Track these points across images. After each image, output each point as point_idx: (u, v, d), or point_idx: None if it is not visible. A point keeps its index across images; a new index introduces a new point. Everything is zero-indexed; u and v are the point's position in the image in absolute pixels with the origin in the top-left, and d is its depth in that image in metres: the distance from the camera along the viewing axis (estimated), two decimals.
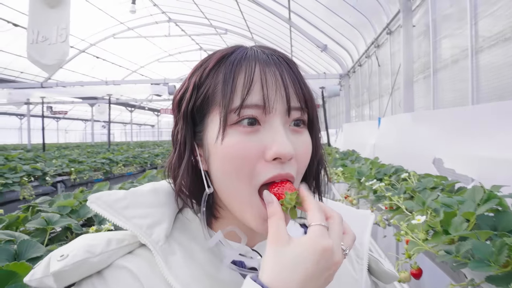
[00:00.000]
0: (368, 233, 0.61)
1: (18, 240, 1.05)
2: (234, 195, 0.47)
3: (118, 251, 0.48)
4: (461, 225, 1.18)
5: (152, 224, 0.48)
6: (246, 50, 0.49)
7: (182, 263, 0.47)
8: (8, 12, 10.48)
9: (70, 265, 0.43)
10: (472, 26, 2.86)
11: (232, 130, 0.45)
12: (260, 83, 0.45)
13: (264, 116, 0.45)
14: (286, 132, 0.46)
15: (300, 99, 0.47)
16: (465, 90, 3.03)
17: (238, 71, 0.46)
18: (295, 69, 0.49)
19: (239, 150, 0.45)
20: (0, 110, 21.78)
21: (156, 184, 0.55)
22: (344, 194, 2.76)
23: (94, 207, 0.49)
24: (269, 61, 0.47)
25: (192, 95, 0.49)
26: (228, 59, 0.48)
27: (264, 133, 0.45)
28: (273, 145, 0.44)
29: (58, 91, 11.50)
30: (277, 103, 0.45)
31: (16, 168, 3.40)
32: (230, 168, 0.46)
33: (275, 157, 0.44)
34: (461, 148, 2.37)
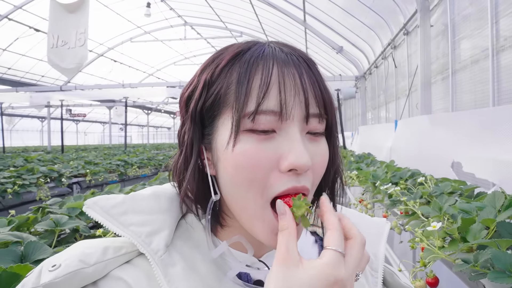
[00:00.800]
0: (383, 244, 0.56)
1: (26, 242, 1.05)
2: (244, 206, 0.44)
3: (115, 260, 0.44)
4: (480, 232, 1.12)
5: (151, 232, 0.45)
6: (263, 47, 0.45)
7: (182, 275, 0.43)
8: (30, 17, 10.83)
9: (62, 276, 0.40)
10: (493, 25, 2.76)
11: (244, 136, 0.41)
12: (277, 87, 0.41)
13: (280, 123, 0.42)
14: (304, 140, 0.42)
15: (320, 104, 0.44)
16: (485, 92, 2.93)
17: (254, 71, 0.42)
18: (315, 70, 0.45)
19: (251, 159, 0.41)
20: (23, 113, 22.51)
21: (157, 188, 0.52)
22: (359, 198, 2.70)
23: (90, 212, 0.45)
24: (288, 61, 0.43)
25: (201, 94, 0.45)
26: (243, 56, 0.44)
27: (279, 141, 0.42)
28: (289, 155, 0.40)
29: (76, 94, 11.78)
30: (295, 109, 0.42)
31: (33, 170, 3.48)
32: (241, 178, 0.42)
33: (290, 168, 0.41)
34: (481, 151, 2.28)
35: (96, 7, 10.69)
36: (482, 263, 0.96)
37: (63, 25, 7.63)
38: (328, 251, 0.37)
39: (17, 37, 11.57)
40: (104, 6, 11.56)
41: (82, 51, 7.47)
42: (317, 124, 0.44)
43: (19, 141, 25.23)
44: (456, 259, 1.08)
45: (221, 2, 11.32)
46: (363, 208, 2.38)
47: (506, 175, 1.97)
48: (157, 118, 33.75)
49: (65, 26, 7.60)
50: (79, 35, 7.51)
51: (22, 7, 10.07)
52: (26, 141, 26.15)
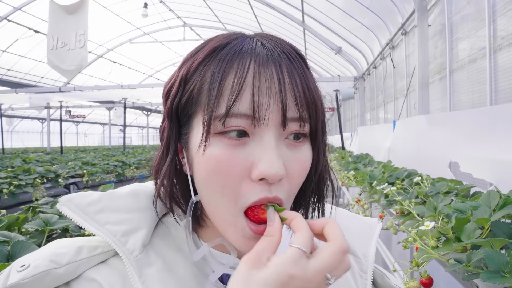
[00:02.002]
0: (373, 245, 0.54)
1: (13, 241, 1.04)
2: (217, 211, 0.42)
3: (89, 260, 0.43)
4: (474, 232, 1.10)
5: (127, 231, 0.43)
6: (243, 43, 0.41)
7: (158, 277, 0.42)
8: (30, 19, 10.84)
9: (30, 277, 0.38)
10: (490, 24, 2.75)
11: (216, 139, 0.39)
12: (251, 88, 0.38)
13: (253, 128, 0.39)
14: (280, 147, 0.40)
15: (301, 107, 0.40)
16: (483, 91, 2.92)
17: (228, 70, 0.39)
18: (300, 68, 0.41)
19: (222, 164, 0.39)
20: (23, 114, 22.52)
21: (137, 186, 0.50)
22: (356, 198, 2.69)
23: (64, 210, 0.43)
24: (266, 59, 0.39)
25: (178, 91, 0.43)
26: (220, 52, 0.41)
27: (252, 147, 0.39)
28: (259, 164, 0.38)
29: (76, 95, 11.79)
30: (270, 114, 0.38)
31: (29, 170, 3.47)
32: (213, 183, 0.40)
33: (261, 178, 0.38)
34: (479, 151, 2.27)
35: (95, 8, 10.70)
36: (475, 263, 0.95)
37: (62, 27, 7.64)
38: (290, 249, 0.35)
39: (16, 38, 11.58)
40: (103, 7, 11.57)
41: (82, 53, 7.47)
42: (298, 129, 0.41)
43: (19, 143, 25.25)
44: (449, 259, 1.07)
45: (220, 3, 11.33)
46: (360, 208, 2.37)
47: (503, 175, 1.96)
48: (157, 119, 33.76)
49: (65, 28, 7.61)
50: (78, 37, 7.52)
51: (21, 9, 10.08)
52: (26, 142, 26.16)
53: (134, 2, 11.27)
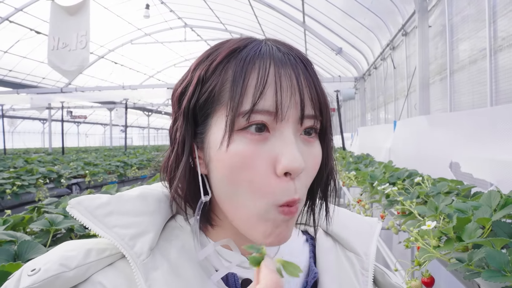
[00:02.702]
0: (374, 243, 0.56)
1: (20, 241, 1.05)
2: (243, 208, 0.42)
3: (98, 263, 0.43)
4: (475, 231, 1.11)
5: (135, 235, 0.43)
6: (260, 45, 0.44)
7: (163, 280, 0.42)
8: (31, 20, 10.87)
9: (40, 281, 0.39)
10: (491, 25, 2.76)
11: (238, 136, 0.40)
12: (274, 87, 0.40)
13: (275, 124, 0.41)
14: (297, 142, 0.42)
15: (315, 106, 0.43)
16: (483, 92, 2.93)
17: (250, 70, 0.41)
18: (312, 71, 0.44)
19: (247, 160, 0.40)
20: (24, 115, 22.55)
21: (145, 189, 0.50)
22: (357, 198, 2.70)
23: (74, 212, 0.44)
24: (285, 61, 0.42)
25: (195, 91, 0.44)
26: (240, 53, 0.42)
27: (274, 142, 0.41)
28: (283, 158, 0.40)
29: (77, 96, 11.80)
30: (290, 110, 0.41)
31: (32, 170, 3.48)
32: (239, 179, 0.41)
33: (285, 172, 0.40)
34: (479, 151, 2.28)
35: (96, 9, 10.73)
36: (477, 262, 0.96)
37: (64, 28, 7.65)
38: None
39: (18, 39, 11.61)
40: (105, 8, 11.59)
41: (84, 54, 7.48)
42: (312, 125, 0.43)
43: (21, 143, 25.27)
44: (450, 258, 1.08)
45: (221, 4, 11.35)
46: (361, 208, 2.38)
47: (504, 175, 1.96)
48: (157, 120, 33.78)
49: (66, 29, 7.62)
50: (80, 38, 7.53)
51: (23, 10, 10.10)
52: (27, 143, 26.19)
53: (135, 3, 11.29)
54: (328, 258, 0.53)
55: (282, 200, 0.40)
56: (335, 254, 0.53)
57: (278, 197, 0.40)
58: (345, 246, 0.55)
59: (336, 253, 0.54)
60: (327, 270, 0.51)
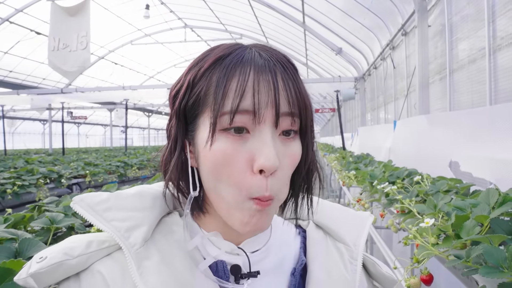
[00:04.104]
0: (364, 235, 0.58)
1: (20, 239, 1.06)
2: (223, 199, 0.47)
3: (98, 253, 0.48)
4: (474, 229, 1.12)
5: (130, 227, 0.48)
6: (243, 53, 0.47)
7: (155, 269, 0.46)
8: (31, 21, 10.88)
9: (46, 267, 0.44)
10: (490, 24, 2.76)
11: (221, 136, 0.45)
12: (252, 90, 0.44)
13: (254, 125, 0.45)
14: (275, 141, 0.45)
15: (292, 105, 0.46)
16: (482, 91, 2.93)
17: (232, 76, 0.45)
18: (291, 73, 0.47)
19: (228, 157, 0.44)
20: (24, 116, 22.56)
21: (142, 188, 0.55)
22: (357, 197, 2.71)
23: (77, 208, 0.49)
24: (264, 67, 0.46)
25: (185, 94, 0.49)
26: (223, 61, 0.47)
27: (252, 142, 0.45)
28: (259, 157, 0.44)
29: (77, 97, 11.82)
30: (267, 112, 0.44)
31: (33, 170, 3.49)
32: (219, 173, 0.45)
33: (260, 169, 0.44)
34: (479, 150, 2.28)
35: (96, 10, 10.74)
36: (474, 259, 0.96)
37: (64, 28, 7.65)
38: None
39: (18, 40, 11.62)
40: (105, 9, 11.61)
41: (84, 54, 7.49)
42: (289, 125, 0.46)
43: (21, 144, 25.27)
44: (449, 255, 1.08)
45: (221, 5, 11.36)
46: (360, 207, 2.39)
47: (502, 174, 1.97)
48: (158, 120, 33.79)
49: (67, 29, 7.62)
50: (80, 38, 7.53)
51: (23, 10, 10.12)
52: (28, 143, 26.19)
53: (135, 4, 11.31)
54: (317, 248, 0.56)
55: (254, 195, 0.44)
56: (325, 245, 0.57)
57: (251, 191, 0.44)
58: (335, 237, 0.58)
59: (326, 244, 0.57)
60: (316, 259, 0.55)
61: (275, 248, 0.55)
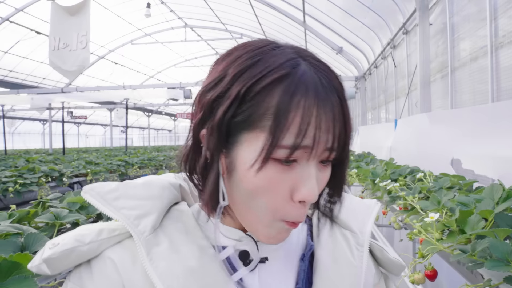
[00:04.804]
0: (370, 222, 0.59)
1: (26, 234, 1.06)
2: (253, 215, 0.47)
3: (108, 240, 0.49)
4: (478, 223, 1.12)
5: (139, 215, 0.49)
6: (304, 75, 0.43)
7: (165, 254, 0.47)
8: (31, 20, 10.88)
9: (58, 253, 0.46)
10: (492, 22, 2.76)
11: (270, 163, 0.43)
12: (314, 127, 0.42)
13: (303, 156, 0.44)
14: (317, 172, 0.46)
15: (340, 142, 0.45)
16: (484, 89, 2.93)
17: (296, 106, 0.41)
18: (346, 106, 0.46)
19: (273, 184, 0.44)
20: (24, 116, 22.55)
21: (151, 178, 0.56)
22: (359, 195, 2.71)
23: (87, 197, 0.51)
24: (326, 99, 0.43)
25: (231, 106, 0.43)
26: (286, 80, 0.42)
27: (297, 171, 0.44)
28: (303, 189, 0.44)
29: (77, 96, 11.82)
30: (321, 148, 0.44)
31: (34, 169, 3.49)
32: (260, 197, 0.45)
33: (301, 200, 0.45)
34: (481, 147, 2.28)
35: (96, 9, 10.74)
36: (480, 253, 0.96)
37: (64, 28, 7.65)
38: None
39: (18, 39, 11.61)
40: (105, 8, 11.60)
41: (84, 54, 7.48)
42: (328, 156, 0.46)
43: (21, 144, 25.26)
44: (454, 249, 1.09)
45: (221, 4, 11.36)
46: None
47: (505, 170, 1.97)
48: (158, 120, 33.78)
49: (67, 29, 7.62)
50: (80, 38, 7.53)
51: (23, 10, 10.11)
52: (27, 143, 26.18)
53: (136, 3, 11.31)
54: (323, 234, 0.56)
55: (291, 220, 0.46)
56: (331, 232, 0.57)
57: (287, 216, 0.46)
58: (341, 225, 0.58)
59: (332, 231, 0.57)
60: (323, 245, 0.55)
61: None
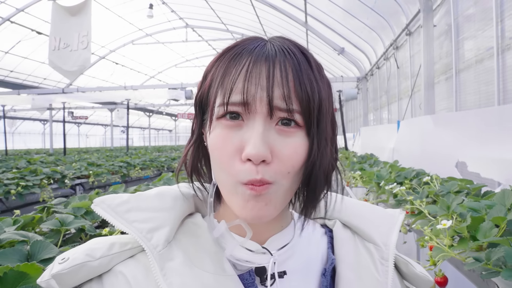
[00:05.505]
0: (395, 234, 0.55)
1: (32, 241, 1.04)
2: (221, 183, 0.48)
3: (120, 255, 0.48)
4: (491, 231, 1.10)
5: (152, 228, 0.48)
6: (250, 45, 0.47)
7: (178, 270, 0.45)
8: (32, 20, 10.87)
9: (68, 268, 0.44)
10: (498, 24, 2.74)
11: (218, 123, 0.46)
12: (243, 82, 0.44)
13: (247, 114, 0.45)
14: (269, 132, 0.44)
15: (288, 100, 0.43)
16: (490, 92, 2.91)
17: (231, 67, 0.46)
18: (296, 65, 0.45)
19: (220, 142, 0.45)
20: (25, 116, 22.55)
21: (163, 189, 0.54)
22: (363, 198, 2.69)
23: (98, 210, 0.49)
24: (261, 57, 0.45)
25: (201, 86, 0.51)
26: (226, 54, 0.48)
27: (245, 130, 0.45)
28: (247, 146, 0.43)
29: (78, 97, 11.81)
30: (257, 103, 0.44)
31: (36, 171, 3.48)
32: (215, 159, 0.47)
33: (247, 158, 0.43)
34: (487, 150, 2.27)
35: (97, 9, 10.72)
36: (495, 262, 0.95)
37: (65, 28, 7.64)
38: None
39: (19, 40, 11.60)
40: (106, 8, 11.59)
41: (85, 54, 7.48)
42: (286, 117, 0.44)
43: (21, 144, 25.27)
44: (467, 257, 1.07)
45: (223, 4, 11.34)
46: None
47: None
48: (158, 120, 33.79)
49: (68, 29, 7.61)
50: (81, 38, 7.52)
51: (24, 10, 10.10)
52: (28, 143, 26.19)
53: (137, 4, 11.30)
54: (345, 248, 0.54)
55: (244, 179, 0.43)
56: (353, 245, 0.54)
57: (240, 177, 0.44)
58: (364, 237, 0.55)
59: (354, 244, 0.54)
60: (345, 259, 0.52)
61: (301, 248, 0.53)
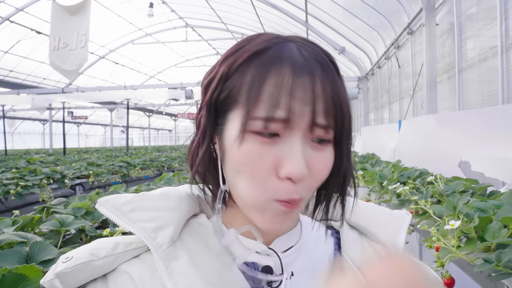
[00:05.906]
0: (403, 235, 0.55)
1: (31, 242, 1.02)
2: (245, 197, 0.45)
3: (124, 254, 0.47)
4: (500, 231, 1.08)
5: (157, 228, 0.48)
6: (282, 50, 0.44)
7: (184, 269, 0.45)
8: (32, 20, 10.85)
9: (72, 267, 0.44)
10: (502, 22, 2.72)
11: (250, 136, 0.42)
12: (288, 97, 0.41)
13: (285, 130, 0.42)
14: (305, 148, 0.43)
15: (327, 116, 0.43)
16: (494, 91, 2.89)
17: (267, 77, 0.42)
18: (332, 77, 0.44)
19: (254, 158, 0.42)
20: (24, 116, 22.53)
21: (168, 189, 0.54)
22: (365, 198, 2.67)
23: (102, 210, 0.49)
24: (303, 68, 0.42)
25: (217, 86, 0.46)
26: (260, 57, 0.43)
27: (281, 146, 0.42)
28: (287, 164, 0.41)
29: (78, 96, 11.80)
30: (301, 119, 0.42)
31: (36, 171, 3.45)
32: (243, 173, 0.44)
33: (288, 177, 0.42)
34: (490, 150, 2.25)
35: (97, 9, 10.71)
36: (505, 263, 0.93)
37: (64, 27, 7.64)
38: None
39: (18, 39, 11.58)
40: (106, 8, 11.58)
41: (83, 53, 7.48)
42: (323, 134, 0.44)
43: (21, 144, 25.25)
44: (476, 258, 1.05)
45: (223, 4, 11.33)
46: None
47: None
48: (158, 120, 33.79)
49: (67, 28, 7.61)
50: (80, 37, 7.53)
51: (23, 9, 10.09)
52: (28, 143, 26.18)
53: (137, 3, 11.29)
54: (353, 249, 0.53)
55: (283, 197, 0.42)
56: (360, 246, 0.54)
57: (278, 195, 0.42)
58: (372, 238, 0.55)
59: (361, 245, 0.54)
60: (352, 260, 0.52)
61: (307, 249, 0.53)
